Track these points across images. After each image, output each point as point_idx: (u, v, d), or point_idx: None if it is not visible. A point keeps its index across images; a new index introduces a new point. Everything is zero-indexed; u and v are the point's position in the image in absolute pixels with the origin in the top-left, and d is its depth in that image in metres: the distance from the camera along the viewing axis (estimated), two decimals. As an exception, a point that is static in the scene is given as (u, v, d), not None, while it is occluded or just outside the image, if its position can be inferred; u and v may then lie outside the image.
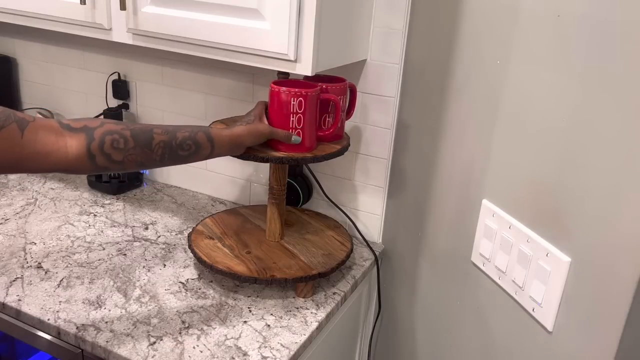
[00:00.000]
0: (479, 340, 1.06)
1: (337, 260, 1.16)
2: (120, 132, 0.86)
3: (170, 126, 0.93)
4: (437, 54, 1.12)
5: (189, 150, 0.93)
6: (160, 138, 0.90)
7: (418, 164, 1.22)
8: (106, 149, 0.85)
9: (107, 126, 0.86)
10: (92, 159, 0.84)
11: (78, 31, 1.24)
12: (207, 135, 0.95)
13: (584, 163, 0.79)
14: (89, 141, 0.83)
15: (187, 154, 0.93)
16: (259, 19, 1.01)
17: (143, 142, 0.88)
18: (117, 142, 0.86)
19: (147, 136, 0.89)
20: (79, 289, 1.12)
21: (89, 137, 0.84)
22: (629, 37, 0.72)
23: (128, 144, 0.87)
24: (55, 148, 0.81)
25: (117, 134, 0.86)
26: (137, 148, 0.88)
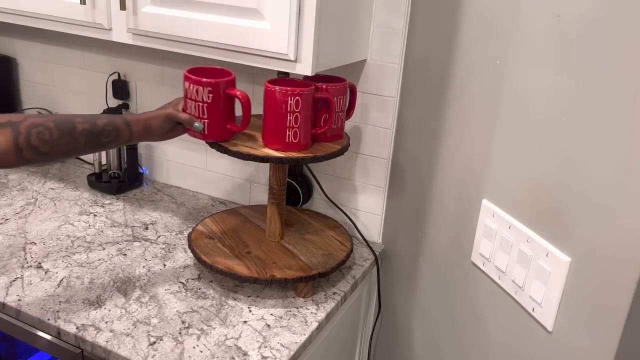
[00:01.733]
0: (479, 340, 1.06)
1: (337, 260, 1.16)
2: (45, 124, 0.88)
3: (90, 115, 0.96)
4: (437, 54, 1.12)
5: (109, 136, 0.96)
6: (83, 126, 0.92)
7: (418, 164, 1.22)
8: (33, 142, 0.86)
9: (31, 120, 0.87)
10: (20, 153, 0.85)
11: (78, 31, 1.24)
12: (124, 120, 0.98)
13: (584, 163, 0.79)
14: (15, 135, 0.85)
15: (108, 140, 0.96)
16: (259, 19, 1.01)
17: (67, 131, 0.90)
18: (42, 134, 0.87)
19: (70, 126, 0.91)
20: (79, 289, 1.12)
21: (14, 131, 0.85)
22: (629, 37, 0.72)
23: (53, 135, 0.88)
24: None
25: (42, 126, 0.87)
26: (61, 138, 0.89)
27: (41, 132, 0.87)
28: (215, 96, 1.03)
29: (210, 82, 1.02)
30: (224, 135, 1.08)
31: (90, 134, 0.93)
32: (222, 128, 1.07)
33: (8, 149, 0.84)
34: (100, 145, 0.95)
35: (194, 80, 1.02)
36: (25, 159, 0.86)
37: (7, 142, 0.84)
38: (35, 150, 0.87)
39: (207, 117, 1.04)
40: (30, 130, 0.86)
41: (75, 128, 0.91)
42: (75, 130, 0.91)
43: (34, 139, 0.86)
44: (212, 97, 1.03)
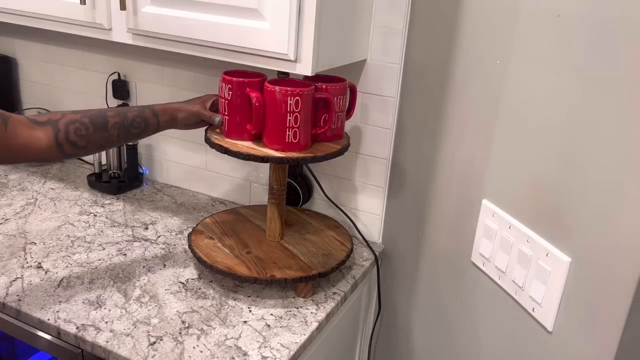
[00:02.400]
0: (478, 340, 1.06)
1: (337, 260, 1.16)
2: (80, 120, 0.96)
3: (120, 108, 1.04)
4: (437, 54, 1.12)
5: (139, 127, 1.04)
6: (114, 120, 1.00)
7: (418, 164, 1.22)
8: (71, 137, 0.94)
9: (68, 116, 0.95)
10: (61, 148, 0.93)
11: (78, 31, 1.24)
12: (152, 111, 1.06)
13: (584, 163, 0.79)
14: (55, 132, 0.93)
15: (138, 131, 1.04)
16: (259, 19, 1.01)
17: (101, 125, 0.98)
18: (79, 130, 0.95)
19: (103, 120, 0.98)
20: (79, 289, 1.12)
21: (54, 128, 0.93)
22: (628, 37, 0.72)
23: (89, 130, 0.96)
24: (31, 140, 0.89)
25: (78, 122, 0.95)
26: (96, 132, 0.97)
27: (78, 128, 0.95)
28: (234, 94, 1.08)
29: (230, 79, 1.07)
30: (242, 134, 1.10)
31: (122, 126, 1.00)
32: (240, 126, 1.10)
33: (50, 145, 0.92)
34: (131, 136, 1.03)
35: (221, 78, 1.09)
36: (66, 153, 0.94)
37: (49, 139, 0.92)
38: (74, 145, 0.95)
39: (227, 113, 1.10)
40: (68, 127, 0.94)
41: (108, 122, 0.99)
42: (108, 124, 0.99)
43: (72, 135, 0.94)
44: (231, 95, 1.08)
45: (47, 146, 0.91)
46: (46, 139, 0.91)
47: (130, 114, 1.02)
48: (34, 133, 0.90)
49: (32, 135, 0.89)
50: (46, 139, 0.91)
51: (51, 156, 0.93)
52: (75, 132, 0.94)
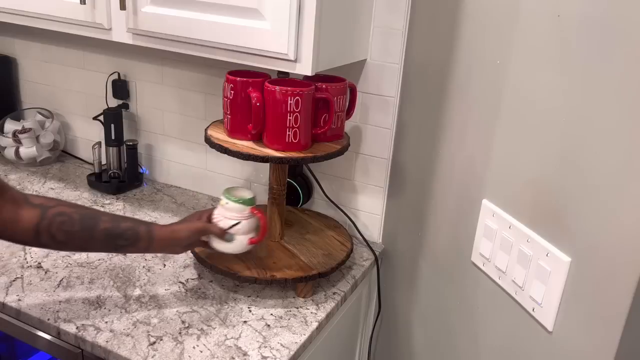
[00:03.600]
0: (479, 340, 1.06)
1: (337, 260, 1.16)
2: (70, 214, 0.91)
3: (119, 216, 0.97)
4: (437, 54, 1.12)
5: (127, 240, 0.95)
6: (105, 225, 0.93)
7: (418, 164, 1.22)
8: (53, 230, 0.89)
9: (61, 207, 0.91)
10: (37, 236, 0.89)
11: (78, 31, 1.24)
12: (147, 229, 0.97)
13: (584, 163, 0.79)
14: (40, 218, 0.88)
15: (126, 244, 0.96)
16: (259, 19, 1.01)
17: (88, 226, 0.92)
18: (64, 224, 0.90)
19: (93, 222, 0.92)
20: (79, 289, 1.12)
21: (42, 214, 0.88)
22: (629, 37, 0.72)
23: (74, 227, 0.91)
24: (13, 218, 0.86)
25: (67, 216, 0.90)
26: (81, 231, 0.91)
27: (64, 222, 0.90)
28: (236, 94, 1.08)
29: (232, 79, 1.07)
30: (243, 134, 1.10)
31: (109, 234, 0.94)
32: (241, 126, 1.10)
33: (29, 229, 0.88)
34: (115, 247, 0.96)
35: (225, 78, 1.09)
36: (41, 242, 0.90)
37: (30, 223, 0.87)
38: (52, 238, 0.89)
39: (229, 113, 1.10)
40: (55, 217, 0.89)
41: (97, 225, 0.93)
42: (97, 227, 0.92)
43: (55, 227, 0.89)
44: (233, 94, 1.08)
45: (25, 229, 0.87)
46: (27, 222, 0.87)
47: (124, 225, 0.95)
48: (20, 211, 0.87)
49: (16, 213, 0.87)
50: (27, 222, 0.87)
51: (25, 240, 0.88)
52: (60, 225, 0.89)
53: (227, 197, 1.04)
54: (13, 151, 1.63)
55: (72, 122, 1.71)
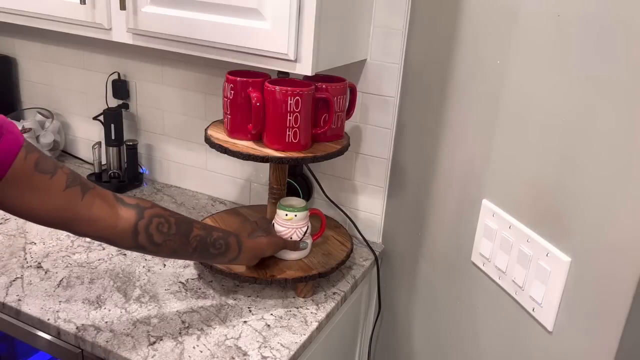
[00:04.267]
0: (478, 340, 1.06)
1: (337, 260, 1.16)
2: (167, 217, 0.91)
3: (207, 224, 0.98)
4: (437, 54, 1.12)
5: (219, 249, 0.97)
6: (198, 232, 0.94)
7: (418, 164, 1.22)
8: (151, 229, 0.88)
9: (157, 209, 0.91)
10: (135, 236, 0.87)
11: (78, 31, 1.24)
12: (237, 240, 1.01)
13: (584, 163, 0.79)
14: (138, 218, 0.87)
15: (216, 253, 0.98)
16: (259, 19, 1.01)
17: (184, 231, 0.92)
18: (162, 226, 0.90)
19: (188, 227, 0.93)
20: (79, 289, 1.12)
21: (139, 214, 0.88)
22: (629, 37, 0.72)
23: (171, 230, 0.91)
24: (106, 216, 0.85)
25: (164, 218, 0.90)
26: (177, 235, 0.91)
27: (161, 223, 0.90)
28: (236, 94, 1.08)
29: (232, 79, 1.08)
30: (243, 134, 1.10)
31: (203, 241, 0.95)
32: (241, 126, 1.10)
33: (128, 229, 0.87)
34: (207, 255, 0.97)
35: (225, 78, 1.09)
36: (138, 243, 0.88)
37: (129, 223, 0.87)
38: (150, 239, 0.89)
39: (229, 113, 1.10)
40: (152, 218, 0.89)
41: (192, 231, 0.93)
42: (191, 233, 0.93)
43: (153, 228, 0.89)
44: (233, 94, 1.08)
45: (123, 228, 0.86)
46: (125, 221, 0.86)
47: (215, 233, 0.97)
48: (114, 210, 0.86)
49: (109, 212, 0.85)
50: (125, 221, 0.86)
51: (121, 240, 0.87)
52: (158, 226, 0.89)
53: (291, 210, 1.11)
54: (13, 151, 1.62)
55: (72, 122, 1.71)
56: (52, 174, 0.78)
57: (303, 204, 1.14)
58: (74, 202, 0.81)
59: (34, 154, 0.77)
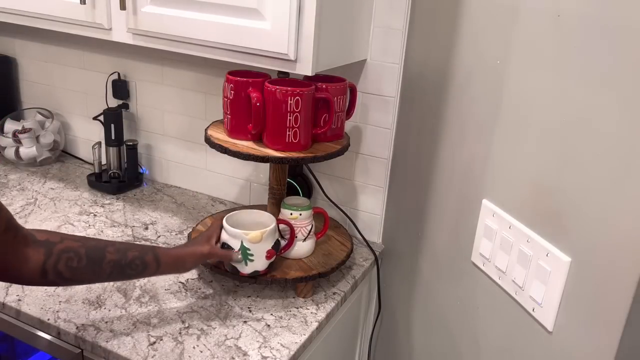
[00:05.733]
0: (479, 340, 1.06)
1: (337, 260, 1.16)
2: (77, 249, 0.88)
3: (122, 244, 0.95)
4: (437, 54, 1.12)
5: (136, 269, 0.95)
6: (111, 257, 0.92)
7: (418, 164, 1.22)
8: (60, 267, 0.86)
9: (67, 243, 0.88)
10: (44, 275, 0.86)
11: (78, 31, 1.24)
12: (155, 256, 0.97)
13: (584, 163, 0.79)
14: (46, 257, 0.85)
15: (134, 273, 0.95)
16: (259, 19, 1.01)
17: (95, 260, 0.90)
18: (71, 260, 0.87)
19: (99, 255, 0.90)
20: (79, 289, 1.12)
21: (47, 253, 0.85)
22: (629, 37, 0.72)
23: (81, 262, 0.88)
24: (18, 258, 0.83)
25: (73, 252, 0.88)
26: (88, 266, 0.89)
27: (70, 258, 0.87)
28: (236, 94, 1.08)
29: (232, 79, 1.08)
30: (243, 134, 1.10)
31: (117, 265, 0.92)
32: (241, 126, 1.10)
33: (35, 269, 0.84)
34: (124, 276, 0.95)
35: (226, 78, 1.09)
36: (48, 281, 0.87)
37: (36, 263, 0.84)
38: (59, 275, 0.87)
39: (229, 113, 1.10)
40: (61, 254, 0.86)
41: (104, 258, 0.91)
42: (104, 260, 0.91)
43: (62, 265, 0.87)
44: (233, 94, 1.08)
45: (32, 269, 0.84)
46: (34, 263, 0.84)
47: (131, 254, 0.94)
48: (25, 252, 0.84)
49: (23, 253, 0.83)
50: (34, 263, 0.84)
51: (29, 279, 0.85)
52: (66, 262, 0.87)
53: (295, 209, 1.11)
54: (13, 151, 1.63)
55: (72, 122, 1.71)
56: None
57: (307, 203, 1.15)
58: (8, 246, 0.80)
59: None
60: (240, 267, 1.05)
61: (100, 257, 0.90)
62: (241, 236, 1.03)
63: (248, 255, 1.04)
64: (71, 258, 0.87)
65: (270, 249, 1.05)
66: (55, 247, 0.86)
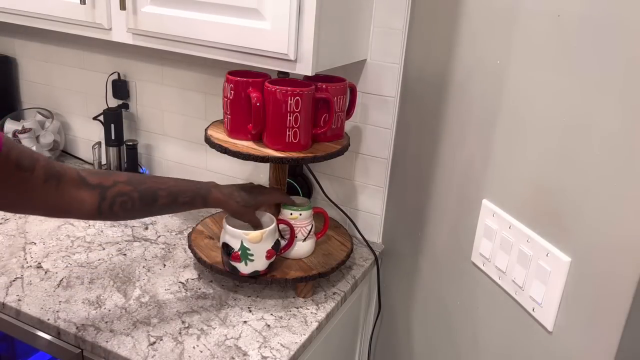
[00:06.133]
0: (478, 340, 1.06)
1: (337, 260, 1.16)
2: (130, 194, 0.93)
3: (175, 186, 0.99)
4: (437, 54, 1.12)
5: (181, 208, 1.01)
6: (163, 201, 0.97)
7: (418, 164, 1.22)
8: (115, 209, 0.91)
9: (119, 187, 0.92)
10: (100, 215, 0.91)
11: (78, 31, 1.24)
12: (203, 201, 1.02)
13: (584, 163, 0.79)
14: (100, 200, 0.90)
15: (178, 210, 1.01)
16: (259, 19, 1.01)
17: (147, 203, 0.95)
18: (125, 204, 0.92)
19: (152, 199, 0.95)
20: (79, 289, 1.12)
21: (101, 195, 0.90)
22: (629, 37, 0.72)
23: (135, 205, 0.93)
24: (74, 201, 0.87)
25: (127, 196, 0.92)
26: (141, 209, 0.95)
27: (125, 202, 0.92)
28: (236, 94, 1.08)
29: (232, 79, 1.07)
30: (243, 134, 1.10)
31: (167, 208, 0.98)
32: (241, 126, 1.10)
33: (91, 210, 0.89)
34: (168, 212, 1.00)
35: (226, 78, 1.09)
36: (103, 219, 0.92)
37: (92, 205, 0.89)
38: (114, 215, 0.92)
39: (229, 113, 1.10)
40: (115, 198, 0.91)
41: (157, 201, 0.96)
42: (156, 203, 0.96)
43: (117, 207, 0.91)
44: (233, 94, 1.08)
45: (87, 211, 0.89)
46: (89, 204, 0.88)
47: (181, 199, 0.99)
48: (79, 194, 0.87)
49: (77, 197, 0.87)
50: (89, 204, 0.88)
51: (88, 218, 0.91)
52: (121, 205, 0.92)
53: (295, 209, 1.12)
54: (13, 151, 1.62)
55: (72, 122, 1.71)
56: (32, 170, 0.80)
57: (308, 203, 1.15)
58: (51, 194, 0.83)
59: (14, 150, 0.77)
60: (240, 267, 1.06)
61: (153, 199, 0.95)
62: (241, 236, 1.03)
63: (248, 255, 1.04)
64: (125, 202, 0.92)
65: (270, 249, 1.06)
66: (109, 191, 0.91)
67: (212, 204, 1.03)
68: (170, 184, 0.98)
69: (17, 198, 0.80)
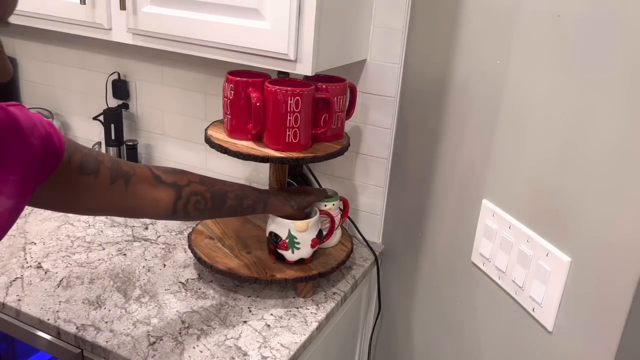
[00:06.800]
0: (478, 340, 1.06)
1: (337, 260, 1.16)
2: (203, 193, 0.96)
3: (240, 191, 1.02)
4: (437, 54, 1.12)
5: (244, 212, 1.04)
6: (231, 203, 1.00)
7: (418, 164, 1.22)
8: (189, 208, 0.94)
9: (194, 186, 0.95)
10: (174, 213, 0.92)
11: (78, 31, 1.24)
12: (264, 206, 1.06)
13: (584, 163, 0.79)
14: (176, 198, 0.91)
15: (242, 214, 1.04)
16: (259, 19, 1.01)
17: (217, 205, 0.98)
18: (198, 203, 0.95)
19: (221, 200, 0.99)
20: (79, 289, 1.12)
21: (177, 194, 0.92)
22: (628, 37, 0.72)
23: (207, 205, 0.96)
24: (149, 201, 0.88)
25: (200, 196, 0.95)
26: (211, 209, 0.98)
27: (198, 202, 0.94)
28: (236, 94, 1.08)
29: (232, 79, 1.08)
30: (243, 134, 1.10)
31: (234, 210, 1.01)
32: (241, 126, 1.10)
33: (167, 208, 0.91)
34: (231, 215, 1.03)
35: (226, 78, 1.09)
36: (176, 218, 0.94)
37: (168, 203, 0.90)
38: (187, 215, 0.94)
39: (229, 113, 1.10)
40: (190, 197, 0.93)
41: (225, 203, 0.99)
42: (225, 205, 0.99)
43: (190, 206, 0.94)
44: (233, 94, 1.08)
45: (163, 209, 0.90)
46: (165, 203, 0.89)
47: (246, 203, 1.02)
48: (155, 193, 0.88)
49: (152, 196, 0.88)
50: (165, 203, 0.89)
51: (161, 216, 0.91)
52: (195, 204, 0.94)
53: (328, 200, 1.16)
54: (13, 151, 1.62)
55: (72, 122, 1.71)
56: (96, 173, 0.79)
57: (335, 193, 1.21)
58: (119, 195, 0.83)
59: (77, 155, 0.76)
60: (287, 255, 1.11)
61: (222, 201, 0.99)
62: (289, 225, 1.08)
63: (295, 243, 1.09)
64: (199, 201, 0.94)
65: (314, 238, 1.11)
66: (184, 189, 0.93)
67: (270, 210, 1.07)
68: (235, 187, 1.01)
69: (85, 201, 0.80)
